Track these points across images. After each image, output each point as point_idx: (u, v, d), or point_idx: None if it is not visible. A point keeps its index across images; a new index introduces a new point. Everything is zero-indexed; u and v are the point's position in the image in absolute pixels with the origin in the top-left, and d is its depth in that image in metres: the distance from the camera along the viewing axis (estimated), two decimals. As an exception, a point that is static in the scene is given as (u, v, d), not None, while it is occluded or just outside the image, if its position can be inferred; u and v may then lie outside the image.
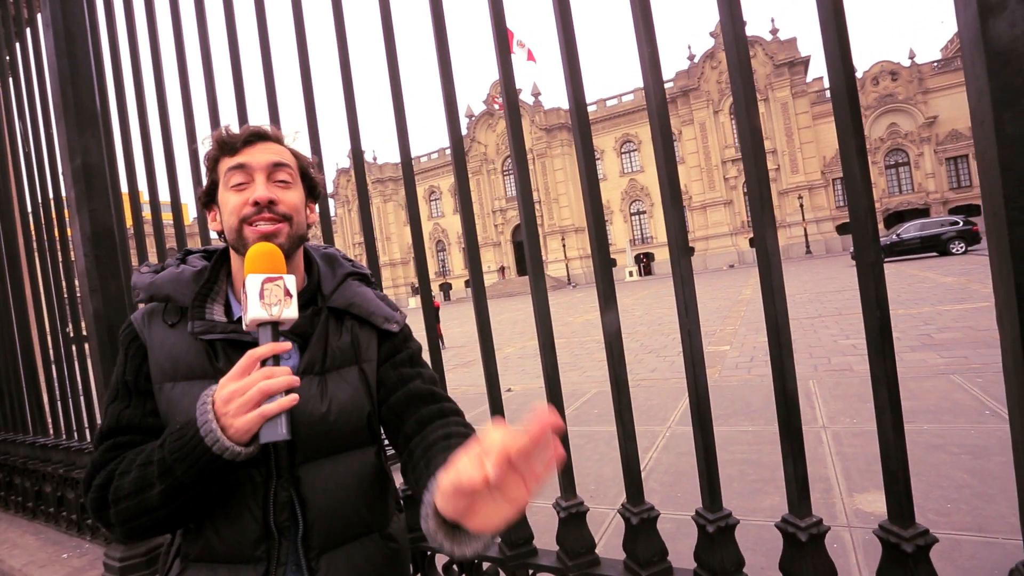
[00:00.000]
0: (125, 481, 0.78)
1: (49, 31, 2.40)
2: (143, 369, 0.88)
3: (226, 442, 0.73)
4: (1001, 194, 0.80)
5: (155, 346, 0.88)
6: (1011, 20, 0.78)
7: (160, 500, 0.76)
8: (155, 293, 0.91)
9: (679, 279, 1.09)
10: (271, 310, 0.77)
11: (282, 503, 0.84)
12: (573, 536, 1.31)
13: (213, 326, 0.87)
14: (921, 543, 0.91)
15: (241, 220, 0.87)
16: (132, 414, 0.87)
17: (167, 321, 0.90)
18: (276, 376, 0.74)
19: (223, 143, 0.90)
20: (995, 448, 3.54)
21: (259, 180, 0.88)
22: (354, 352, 0.94)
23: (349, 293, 0.97)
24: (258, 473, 0.83)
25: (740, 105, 1.01)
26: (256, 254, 0.81)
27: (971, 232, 21.38)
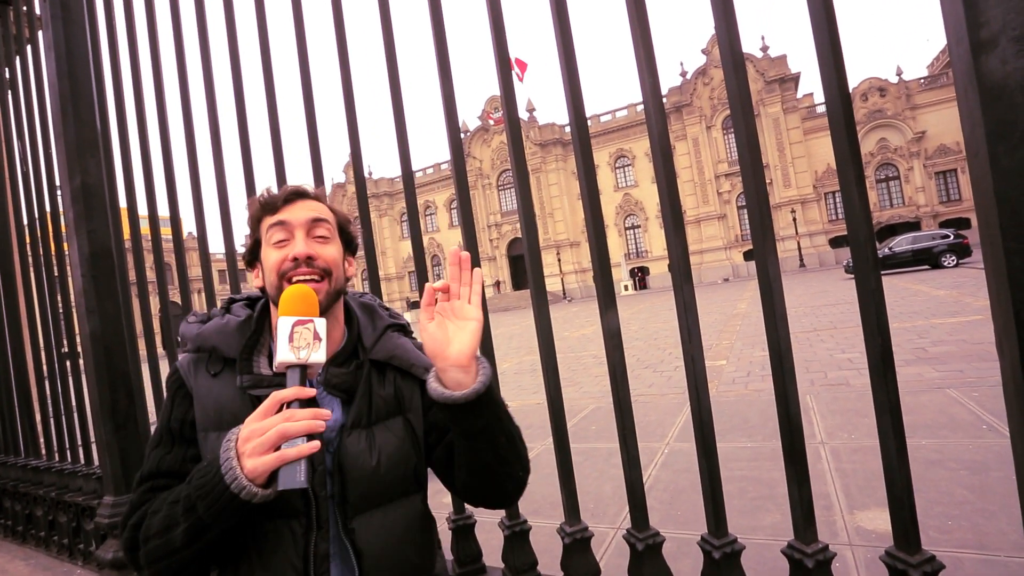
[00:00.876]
0: (155, 520, 0.80)
1: (51, 52, 2.42)
2: (188, 417, 0.91)
3: (243, 480, 0.73)
4: (998, 225, 0.82)
5: (201, 394, 0.91)
6: (1002, 57, 0.80)
7: (183, 539, 0.76)
8: (202, 344, 0.94)
9: (682, 306, 1.10)
10: (299, 353, 0.78)
11: (321, 555, 0.85)
12: (578, 562, 1.30)
13: (260, 380, 0.89)
14: (928, 570, 0.91)
15: (280, 275, 0.90)
16: (172, 459, 0.89)
17: (210, 371, 0.92)
18: (297, 419, 0.74)
19: (265, 203, 0.95)
20: (994, 463, 3.54)
21: (299, 237, 0.91)
22: (398, 403, 0.96)
23: (390, 345, 1.00)
24: (299, 524, 0.85)
25: (740, 128, 1.03)
26: (290, 296, 0.84)
27: (962, 245, 21.61)
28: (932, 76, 39.94)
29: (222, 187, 2.10)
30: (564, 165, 49.19)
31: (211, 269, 2.23)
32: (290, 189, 0.95)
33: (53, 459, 3.20)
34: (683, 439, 5.02)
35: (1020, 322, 0.82)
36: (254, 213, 0.96)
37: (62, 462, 3.11)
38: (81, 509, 2.91)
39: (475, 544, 1.52)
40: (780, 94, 39.89)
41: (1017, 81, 0.78)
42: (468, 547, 1.51)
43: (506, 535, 1.42)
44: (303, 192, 0.96)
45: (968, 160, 0.88)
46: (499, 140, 50.50)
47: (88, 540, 2.93)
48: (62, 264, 2.98)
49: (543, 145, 48.11)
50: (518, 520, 1.43)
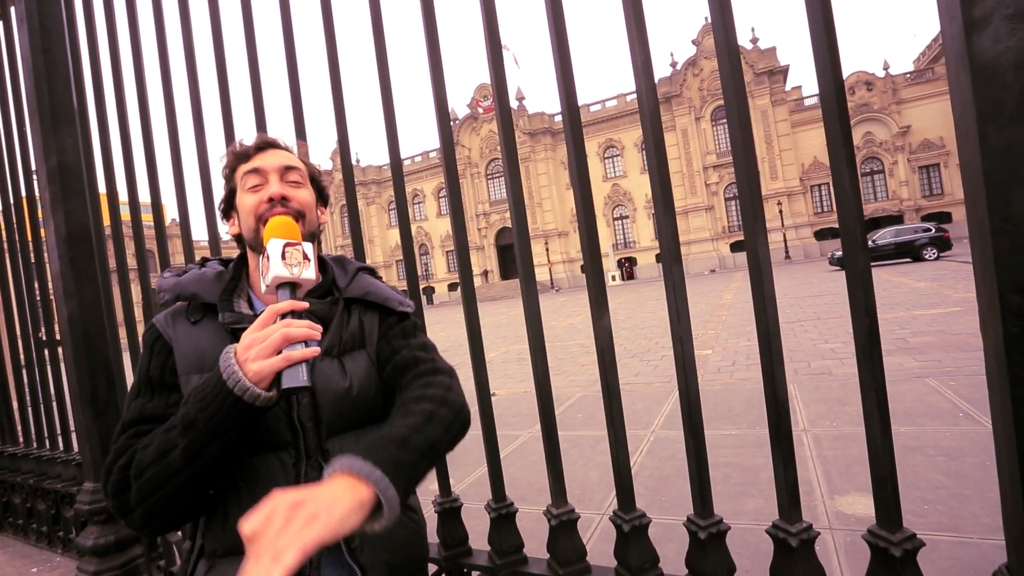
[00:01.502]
0: (148, 451, 0.80)
1: (24, 26, 2.33)
2: (168, 364, 0.92)
3: (247, 383, 0.76)
4: (985, 204, 0.82)
5: (181, 341, 0.93)
6: (995, 36, 0.80)
7: (182, 459, 0.77)
8: (181, 292, 0.96)
9: (671, 286, 1.10)
10: (292, 270, 0.83)
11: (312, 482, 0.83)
12: (564, 544, 1.31)
13: (241, 317, 0.93)
14: (909, 547, 0.93)
15: (257, 217, 0.94)
16: (155, 406, 0.90)
17: (191, 319, 0.95)
18: (296, 326, 0.78)
19: (239, 153, 0.99)
20: (969, 450, 3.63)
21: (273, 180, 0.96)
22: (361, 336, 1.01)
23: (364, 283, 1.05)
24: (288, 455, 0.88)
25: (732, 114, 1.02)
26: (276, 224, 0.88)
27: (943, 239, 22.00)
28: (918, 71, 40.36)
29: (205, 170, 2.04)
30: (553, 155, 49.04)
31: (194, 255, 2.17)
32: (263, 138, 1.00)
33: (31, 446, 3.14)
34: (668, 427, 5.08)
35: (1005, 303, 0.83)
36: (229, 163, 1.00)
37: (40, 449, 3.06)
38: (60, 496, 2.87)
39: (461, 527, 1.52)
40: (769, 86, 40.04)
41: (1009, 60, 0.78)
42: (454, 530, 1.51)
43: (492, 517, 1.42)
44: (275, 142, 1.01)
45: (957, 140, 0.88)
46: (488, 129, 50.14)
47: (68, 527, 2.89)
48: (39, 248, 2.90)
49: (532, 134, 47.88)
50: (504, 503, 1.42)
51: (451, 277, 54.27)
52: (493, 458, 1.44)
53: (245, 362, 0.77)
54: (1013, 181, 0.79)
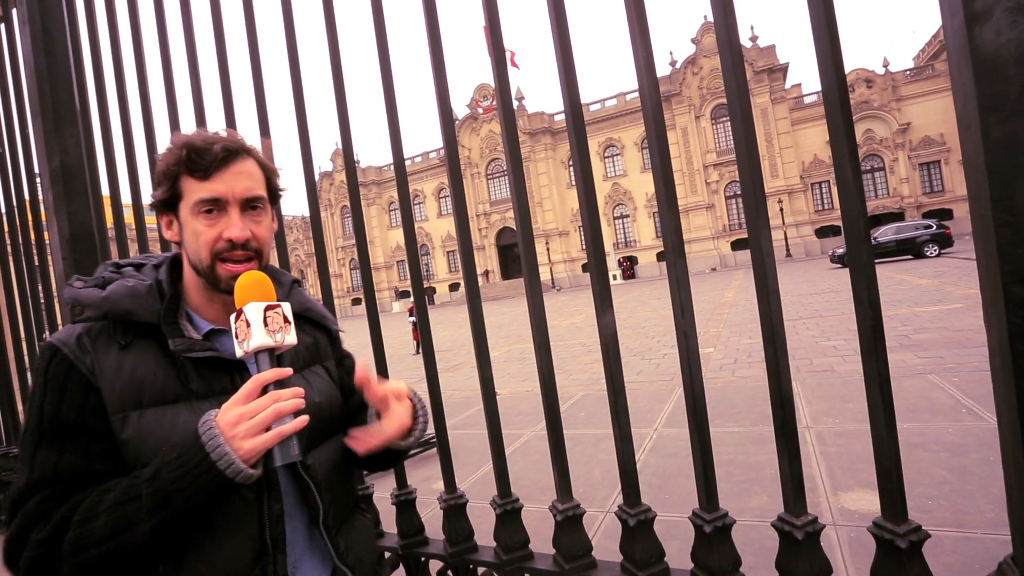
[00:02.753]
0: (92, 527, 0.70)
1: (26, 28, 2.34)
2: (88, 404, 0.78)
3: (240, 465, 0.71)
4: (988, 196, 0.83)
5: (108, 372, 0.79)
6: (996, 28, 0.80)
7: (147, 537, 0.71)
8: (112, 309, 0.82)
9: (675, 280, 1.10)
10: (275, 337, 0.78)
11: (276, 516, 0.84)
12: (569, 539, 1.31)
13: (192, 343, 0.83)
14: (914, 539, 0.93)
15: (213, 254, 0.84)
16: (71, 461, 0.76)
17: (119, 341, 0.81)
18: (285, 399, 0.74)
19: (191, 164, 0.82)
20: (972, 446, 3.63)
21: (234, 215, 0.84)
22: (316, 352, 1.01)
23: (301, 299, 1.02)
24: (249, 491, 0.81)
25: (734, 107, 1.02)
26: (249, 283, 0.81)
27: (944, 235, 21.97)
28: (918, 68, 40.30)
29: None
30: (553, 154, 49.04)
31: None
32: (221, 147, 0.83)
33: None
34: (671, 425, 5.08)
35: (1008, 295, 0.83)
36: (172, 166, 0.84)
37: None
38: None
39: (466, 523, 1.53)
40: (768, 84, 39.99)
41: (1011, 52, 0.78)
42: (460, 526, 1.52)
43: (498, 513, 1.43)
44: (238, 150, 0.85)
45: (959, 133, 0.88)
46: (488, 129, 50.14)
47: (73, 528, 2.89)
48: (41, 250, 2.91)
49: (532, 134, 47.88)
50: (510, 499, 1.43)
51: (452, 278, 54.28)
52: (498, 454, 1.45)
53: (234, 439, 0.71)
54: (1015, 173, 0.80)
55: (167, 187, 0.85)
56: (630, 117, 45.86)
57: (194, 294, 0.90)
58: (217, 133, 0.87)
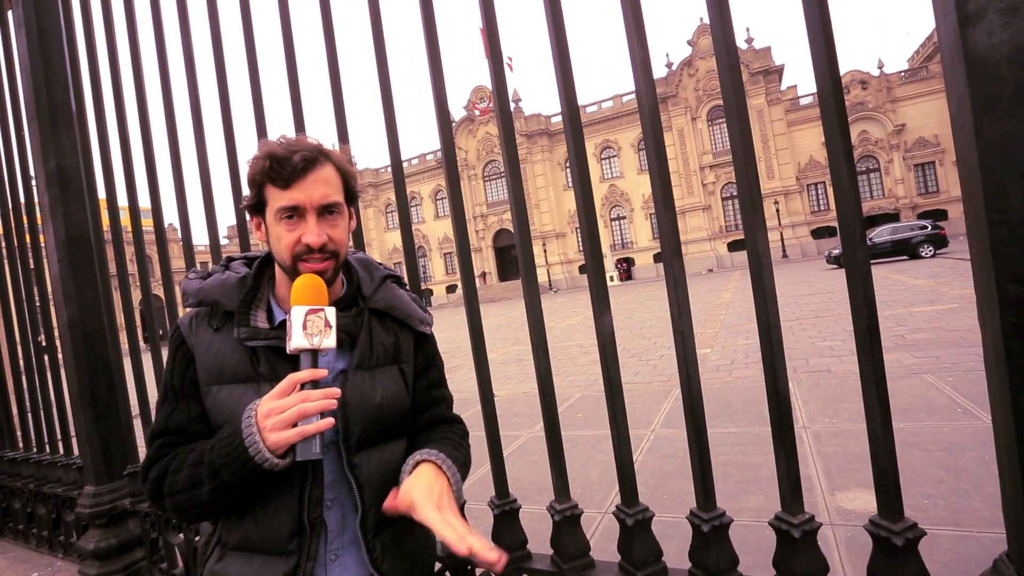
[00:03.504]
0: (179, 478, 0.87)
1: (21, 30, 2.33)
2: (188, 373, 0.94)
3: (266, 453, 0.81)
4: (981, 196, 0.83)
5: (201, 350, 0.94)
6: (989, 29, 0.81)
7: (209, 496, 0.85)
8: (203, 298, 0.96)
9: (672, 280, 1.10)
10: (312, 340, 0.85)
11: (315, 501, 0.91)
12: (567, 539, 1.31)
13: (257, 332, 0.93)
14: (910, 536, 0.94)
15: (294, 256, 0.91)
16: (179, 418, 0.94)
17: (212, 325, 0.95)
18: (313, 400, 0.82)
19: (271, 173, 0.89)
20: (968, 445, 3.65)
21: (311, 221, 0.90)
22: (396, 352, 1.02)
23: (389, 295, 1.04)
24: (295, 473, 0.89)
25: (731, 108, 1.03)
26: (303, 287, 0.88)
27: (939, 236, 22.08)
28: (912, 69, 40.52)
29: (204, 173, 2.04)
30: (550, 156, 49.09)
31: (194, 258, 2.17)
32: (300, 158, 0.88)
33: (31, 450, 3.14)
34: (668, 426, 5.09)
35: (1002, 293, 0.84)
36: (257, 176, 0.91)
37: (40, 453, 3.05)
38: (61, 500, 2.86)
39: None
40: (764, 86, 40.15)
41: (1003, 53, 0.79)
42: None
43: (496, 514, 1.43)
44: (314, 159, 0.90)
45: (953, 133, 0.89)
46: (485, 131, 50.18)
47: (69, 531, 2.88)
48: (37, 253, 2.90)
49: (529, 136, 47.92)
50: (508, 499, 1.43)
51: (449, 279, 54.24)
52: (496, 455, 1.45)
53: (263, 430, 0.82)
54: (1009, 173, 0.80)
55: (254, 193, 0.94)
56: (627, 119, 45.97)
57: (282, 286, 0.98)
58: (299, 140, 0.92)
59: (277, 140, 0.93)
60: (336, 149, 0.98)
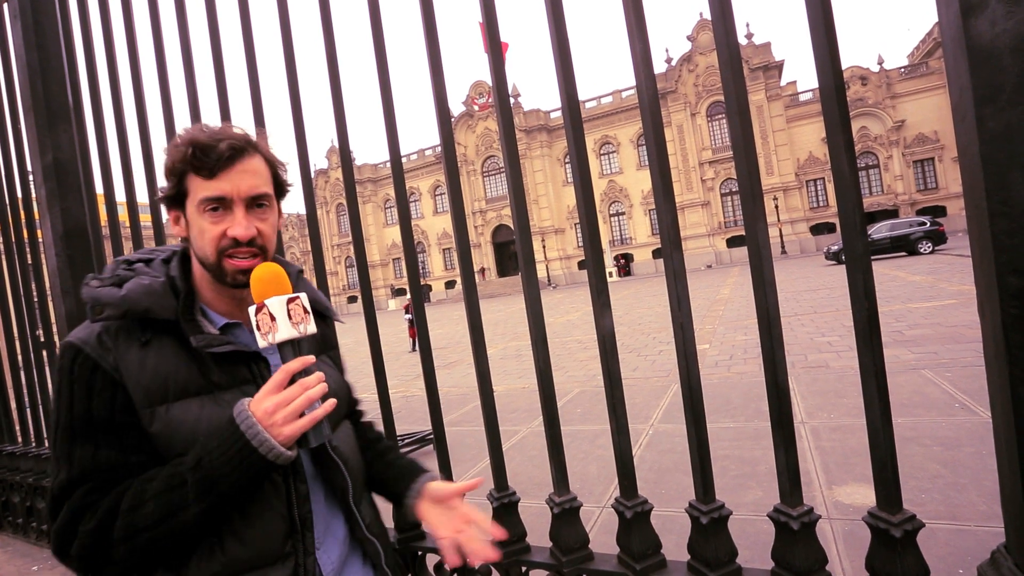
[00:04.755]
0: (142, 514, 0.76)
1: (17, 22, 2.31)
2: (117, 401, 0.81)
3: (279, 448, 0.78)
4: (983, 187, 0.83)
5: (132, 370, 0.81)
6: (991, 19, 0.80)
7: (196, 519, 0.77)
8: (131, 308, 0.83)
9: (671, 273, 1.10)
10: (299, 328, 0.82)
11: (302, 496, 0.89)
12: (567, 532, 1.31)
13: (212, 339, 0.86)
14: (909, 528, 0.94)
15: (219, 252, 0.85)
16: (108, 455, 0.80)
17: (139, 339, 0.83)
18: (312, 386, 0.80)
19: (197, 162, 0.83)
20: (965, 440, 3.66)
21: (238, 214, 0.85)
22: (323, 342, 1.06)
23: (309, 290, 1.04)
24: (276, 473, 0.86)
25: (731, 100, 1.03)
26: (266, 276, 0.83)
27: (938, 232, 22.10)
28: (912, 65, 40.46)
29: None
30: (549, 151, 49.00)
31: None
32: (226, 146, 0.83)
33: (30, 445, 3.14)
34: (667, 421, 5.10)
35: (1003, 284, 0.83)
36: (178, 164, 0.84)
37: (39, 447, 3.05)
38: (60, 494, 2.86)
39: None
40: (764, 82, 40.06)
41: (1006, 43, 0.78)
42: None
43: (495, 507, 1.43)
44: (242, 148, 0.85)
45: (955, 124, 0.89)
46: (484, 126, 50.04)
47: (68, 526, 2.88)
48: (35, 247, 2.89)
49: (528, 131, 47.81)
50: (507, 492, 1.43)
51: (448, 275, 54.22)
52: (495, 447, 1.45)
53: (272, 427, 0.77)
54: (1011, 164, 0.80)
55: (173, 184, 0.86)
56: (626, 114, 45.87)
57: (205, 289, 0.91)
58: (224, 128, 0.86)
59: (199, 126, 0.87)
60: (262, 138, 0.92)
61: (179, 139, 0.85)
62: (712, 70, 41.14)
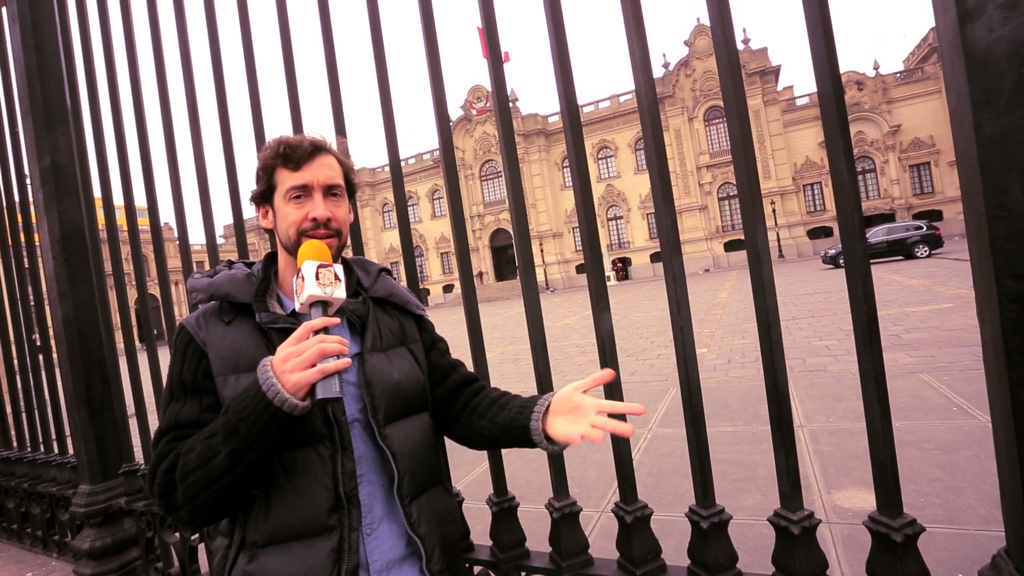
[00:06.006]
0: (191, 457, 0.86)
1: (15, 26, 2.31)
2: (200, 367, 0.96)
3: (285, 395, 0.82)
4: (981, 191, 0.83)
5: (215, 343, 0.96)
6: (988, 25, 0.81)
7: (225, 465, 0.84)
8: (215, 292, 1.00)
9: (671, 276, 1.10)
10: (325, 290, 0.88)
11: (349, 473, 0.94)
12: (566, 536, 1.31)
13: (276, 317, 0.97)
14: (910, 532, 0.94)
15: (300, 232, 0.98)
16: (189, 411, 0.94)
17: (224, 319, 0.98)
18: (329, 341, 0.84)
19: (285, 155, 0.98)
20: (963, 443, 3.66)
21: (317, 199, 0.99)
22: (402, 335, 1.10)
23: (387, 285, 1.13)
24: (324, 448, 0.93)
25: (730, 104, 1.03)
26: (309, 248, 0.93)
27: (934, 236, 22.19)
28: (908, 70, 40.70)
29: (201, 171, 2.03)
30: (547, 156, 49.10)
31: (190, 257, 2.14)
32: (309, 143, 0.99)
33: (25, 450, 3.12)
34: (665, 425, 5.09)
35: (1001, 288, 0.84)
36: (269, 160, 0.99)
37: (34, 452, 3.03)
38: (55, 499, 2.84)
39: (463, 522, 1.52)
40: (761, 86, 40.26)
41: (1003, 49, 0.79)
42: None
43: (494, 511, 1.42)
44: (322, 145, 1.01)
45: (952, 129, 0.89)
46: (482, 130, 50.14)
47: (63, 531, 2.86)
48: (32, 251, 2.88)
49: (526, 136, 47.93)
50: (506, 496, 1.43)
51: (446, 279, 54.20)
52: (494, 453, 1.44)
53: (283, 374, 0.83)
54: (1008, 168, 0.80)
55: (265, 180, 1.01)
56: (624, 119, 46.02)
57: (288, 278, 1.04)
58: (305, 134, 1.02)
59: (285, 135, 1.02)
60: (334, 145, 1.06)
61: (270, 142, 1.01)
62: (709, 75, 41.32)
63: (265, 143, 1.03)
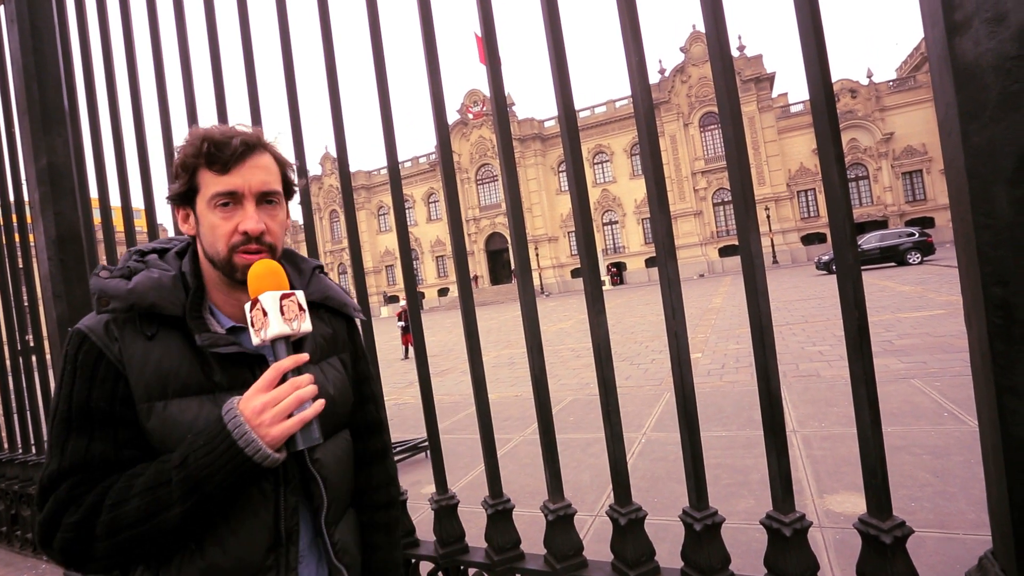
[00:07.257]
0: (126, 511, 0.74)
1: (14, 26, 2.31)
2: (118, 392, 0.80)
3: (267, 450, 0.75)
4: (968, 200, 0.85)
5: (136, 363, 0.80)
6: (975, 39, 0.83)
7: (179, 520, 0.74)
8: (137, 302, 0.81)
9: (666, 281, 1.12)
10: (292, 325, 0.80)
11: (291, 508, 0.85)
12: (561, 539, 1.32)
13: (217, 338, 0.84)
14: (899, 534, 0.95)
15: (230, 248, 0.84)
16: (103, 448, 0.79)
17: (145, 333, 0.82)
18: (304, 386, 0.78)
19: (211, 156, 0.83)
20: (954, 448, 3.70)
21: (249, 208, 0.84)
22: (334, 343, 0.99)
23: (322, 286, 1.00)
24: (267, 483, 0.83)
25: (724, 109, 1.05)
26: (263, 272, 0.82)
27: (926, 243, 22.37)
28: (901, 79, 41.12)
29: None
30: (543, 160, 49.22)
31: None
32: (240, 141, 0.83)
33: (15, 451, 3.09)
34: (659, 429, 5.11)
35: (988, 295, 0.85)
36: (190, 159, 0.84)
37: (26, 454, 3.01)
38: (47, 502, 2.82)
39: (458, 524, 1.53)
40: (756, 93, 40.55)
41: (989, 62, 0.81)
42: (451, 527, 1.52)
43: (489, 514, 1.43)
44: (255, 144, 0.85)
45: (941, 139, 0.91)
46: (478, 134, 50.24)
47: (55, 534, 2.84)
48: (26, 252, 2.87)
49: (522, 140, 48.06)
50: (501, 499, 1.43)
51: (441, 283, 54.15)
52: (490, 455, 1.45)
53: (260, 426, 0.75)
54: (994, 178, 0.82)
55: (185, 180, 0.86)
56: (619, 124, 46.23)
57: (214, 291, 0.90)
58: (235, 127, 0.87)
59: (210, 126, 0.87)
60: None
61: (191, 136, 0.85)
62: (704, 81, 41.58)
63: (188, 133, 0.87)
